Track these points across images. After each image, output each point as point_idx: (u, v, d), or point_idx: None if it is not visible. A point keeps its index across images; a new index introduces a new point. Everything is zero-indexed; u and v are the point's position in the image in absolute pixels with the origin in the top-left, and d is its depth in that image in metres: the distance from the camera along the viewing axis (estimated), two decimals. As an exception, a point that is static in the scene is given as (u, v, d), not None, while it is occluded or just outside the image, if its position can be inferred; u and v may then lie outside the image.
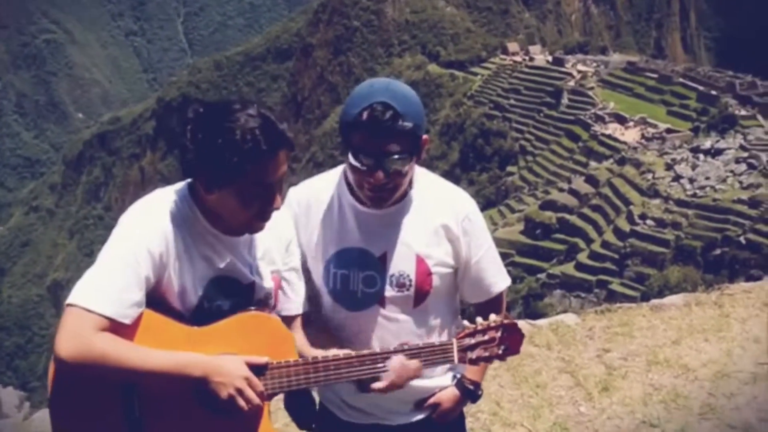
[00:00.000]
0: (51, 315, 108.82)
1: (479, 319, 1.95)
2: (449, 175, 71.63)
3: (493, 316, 1.95)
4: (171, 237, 1.79)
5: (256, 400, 1.78)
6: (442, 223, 2.09)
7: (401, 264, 2.07)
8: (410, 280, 2.08)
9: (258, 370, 1.82)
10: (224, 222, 1.85)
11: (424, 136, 2.02)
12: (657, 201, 51.86)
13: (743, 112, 61.74)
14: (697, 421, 3.91)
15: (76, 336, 1.65)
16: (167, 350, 1.76)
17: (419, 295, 2.10)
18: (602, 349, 4.74)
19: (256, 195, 1.78)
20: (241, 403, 1.77)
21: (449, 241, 2.10)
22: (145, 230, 1.77)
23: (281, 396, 1.92)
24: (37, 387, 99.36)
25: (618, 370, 4.46)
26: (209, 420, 1.81)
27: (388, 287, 2.09)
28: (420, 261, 2.07)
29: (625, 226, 50.77)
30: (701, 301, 5.43)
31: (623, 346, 4.76)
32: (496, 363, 2.27)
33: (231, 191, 1.76)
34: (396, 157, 1.93)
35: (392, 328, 2.11)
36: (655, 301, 5.52)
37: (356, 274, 2.10)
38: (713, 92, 65.92)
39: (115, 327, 1.70)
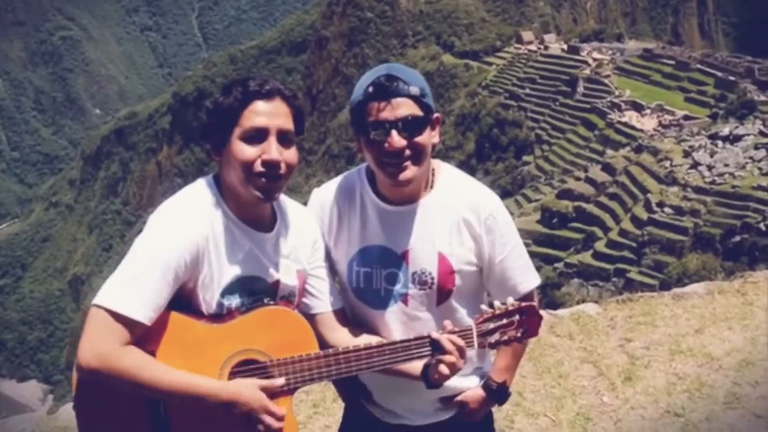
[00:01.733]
0: (72, 309, 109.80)
1: (497, 303, 1.96)
2: (465, 166, 71.42)
3: (510, 300, 1.95)
4: (201, 240, 1.82)
5: (277, 425, 1.83)
6: (465, 220, 2.08)
7: (423, 262, 2.08)
8: (432, 278, 2.08)
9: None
10: (246, 206, 1.90)
11: (436, 114, 2.04)
12: (675, 188, 51.41)
13: (762, 98, 60.91)
14: (722, 411, 3.85)
15: (100, 348, 1.69)
16: (188, 356, 1.80)
17: (442, 294, 2.10)
18: (624, 339, 4.70)
19: (247, 140, 1.83)
20: (263, 428, 1.83)
21: (473, 239, 2.09)
22: (176, 235, 1.79)
23: (306, 389, 1.95)
24: (60, 380, 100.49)
25: (641, 359, 4.41)
26: (235, 421, 1.83)
27: (410, 285, 2.09)
28: (442, 259, 2.07)
29: (643, 214, 50.44)
30: (724, 289, 5.38)
31: (646, 335, 4.71)
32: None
33: (230, 145, 1.84)
34: (409, 119, 1.96)
35: (415, 326, 2.11)
36: (677, 290, 5.48)
37: (379, 271, 2.11)
38: (731, 78, 65.05)
39: (138, 329, 1.73)
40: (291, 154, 1.86)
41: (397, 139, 1.95)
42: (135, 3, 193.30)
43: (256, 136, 1.82)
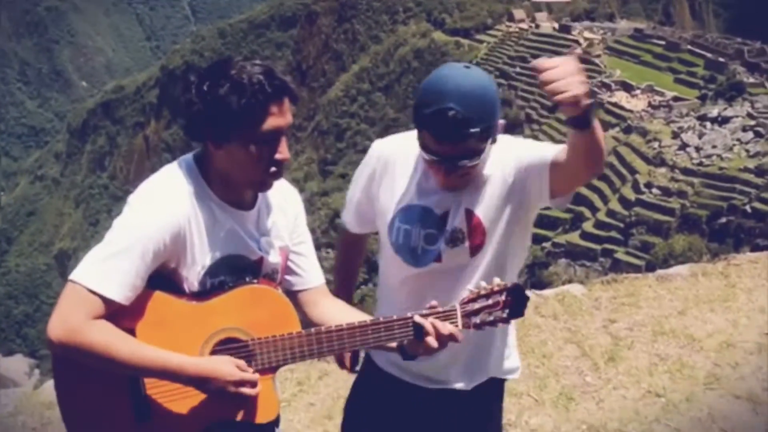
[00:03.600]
0: (58, 284, 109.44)
1: (483, 284, 1.93)
2: (454, 144, 71.38)
3: (496, 280, 1.93)
4: (182, 220, 1.80)
5: (252, 392, 1.82)
6: (502, 178, 2.11)
7: (457, 221, 2.12)
8: (462, 234, 2.12)
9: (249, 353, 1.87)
10: (232, 189, 1.88)
11: (500, 121, 2.02)
12: (663, 169, 51.92)
13: (751, 80, 61.38)
14: (702, 391, 3.93)
15: (69, 321, 1.67)
16: (169, 334, 1.79)
17: (473, 248, 2.14)
18: (608, 320, 4.76)
19: (263, 142, 1.79)
20: (242, 398, 1.83)
21: (511, 194, 2.11)
22: (156, 215, 1.77)
23: (291, 367, 1.94)
24: (46, 355, 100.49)
25: (624, 340, 4.47)
26: (215, 398, 1.83)
27: (443, 245, 2.13)
28: (470, 213, 2.12)
29: (631, 195, 50.86)
30: (707, 271, 5.44)
31: (629, 316, 4.77)
32: None
33: (239, 142, 1.79)
34: (461, 161, 1.97)
35: (449, 284, 2.16)
36: (661, 272, 5.53)
37: (418, 230, 2.16)
38: (721, 59, 65.48)
39: (112, 307, 1.72)
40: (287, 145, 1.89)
41: (442, 178, 2.05)
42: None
43: (271, 139, 1.80)
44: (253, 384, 1.82)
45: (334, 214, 74.46)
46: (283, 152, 1.83)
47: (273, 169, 1.84)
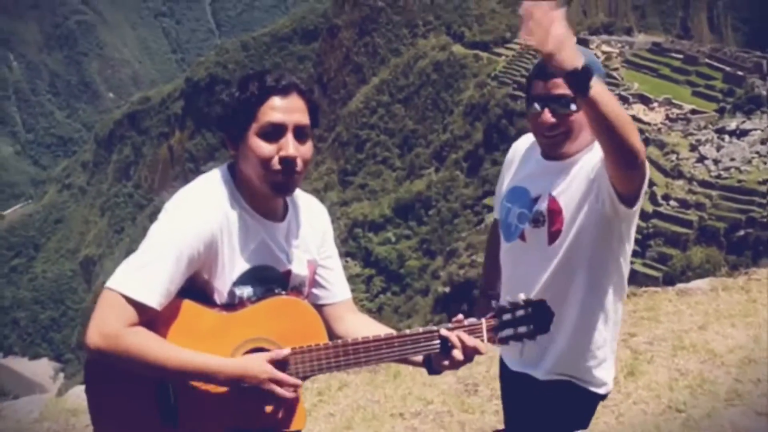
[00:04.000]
0: (83, 290, 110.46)
1: (508, 298, 1.94)
2: (473, 156, 71.63)
3: (521, 295, 1.93)
4: (216, 230, 1.82)
5: (289, 395, 1.85)
6: (586, 174, 2.20)
7: (541, 204, 2.26)
8: (543, 217, 2.25)
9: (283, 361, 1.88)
10: (260, 197, 1.90)
11: None
12: (680, 182, 51.39)
13: (770, 93, 61.12)
14: (723, 407, 3.84)
15: (106, 328, 1.70)
16: (198, 343, 1.81)
17: (552, 233, 2.24)
18: (628, 334, 4.69)
19: (265, 136, 1.82)
20: (277, 400, 1.87)
21: (590, 190, 2.18)
22: (192, 224, 1.79)
23: (315, 378, 2.04)
24: (70, 359, 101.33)
25: (644, 354, 4.42)
26: (245, 404, 1.86)
27: (528, 224, 2.29)
28: (553, 200, 2.23)
29: (648, 207, 50.16)
30: (728, 285, 5.41)
31: (649, 330, 4.73)
32: None
33: (248, 140, 1.84)
34: (562, 98, 2.12)
35: (533, 261, 2.29)
36: (680, 286, 5.53)
37: (515, 209, 2.34)
38: (740, 73, 65.07)
39: (148, 314, 1.75)
40: (307, 149, 1.86)
41: (547, 116, 2.16)
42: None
43: (274, 132, 1.82)
44: (289, 385, 1.84)
45: (353, 223, 74.64)
46: (286, 149, 1.82)
47: (278, 166, 1.83)
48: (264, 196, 1.90)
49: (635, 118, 61.56)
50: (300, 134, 1.85)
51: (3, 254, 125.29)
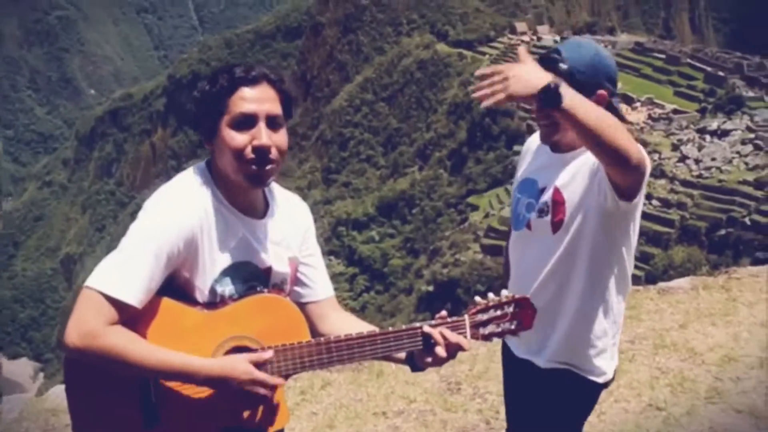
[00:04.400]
0: (64, 288, 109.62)
1: (491, 295, 1.95)
2: (456, 154, 71.75)
3: (504, 292, 1.95)
4: (195, 227, 1.82)
5: (269, 394, 1.84)
6: (590, 166, 2.24)
7: (546, 195, 2.32)
8: (547, 207, 2.30)
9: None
10: (238, 193, 1.89)
11: (600, 91, 2.20)
12: (662, 181, 51.64)
13: (751, 94, 61.54)
14: (703, 405, 3.89)
15: (84, 327, 1.68)
16: (179, 342, 1.79)
17: (555, 223, 2.29)
18: None
19: (236, 126, 1.82)
20: (254, 403, 1.88)
21: (593, 183, 2.23)
22: (171, 222, 1.79)
23: (294, 376, 1.95)
24: (50, 359, 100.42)
25: (625, 353, 4.42)
26: (227, 404, 1.85)
27: (534, 213, 2.34)
28: (557, 191, 2.30)
29: (630, 206, 50.84)
30: (708, 284, 5.44)
31: (630, 329, 4.74)
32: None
33: (219, 131, 1.83)
34: (540, 95, 2.04)
35: (537, 250, 2.35)
36: (662, 285, 5.56)
37: (524, 199, 2.41)
38: (721, 73, 65.61)
39: (128, 312, 1.73)
40: (281, 138, 1.85)
41: (536, 108, 2.14)
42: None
43: (245, 122, 1.81)
44: (269, 386, 1.83)
45: (337, 222, 74.51)
46: (258, 138, 1.80)
47: (252, 156, 1.81)
48: (242, 190, 1.89)
49: (618, 117, 61.91)
50: (272, 124, 1.84)
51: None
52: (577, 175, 2.25)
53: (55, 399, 4.27)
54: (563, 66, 2.16)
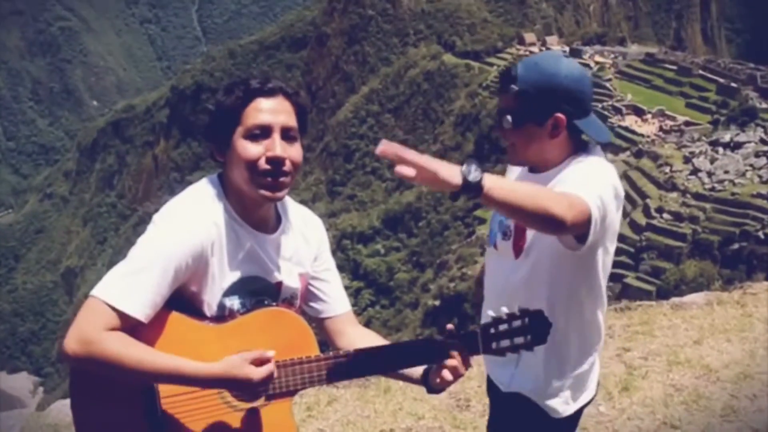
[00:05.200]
0: (64, 302, 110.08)
1: (504, 308, 1.90)
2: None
3: (518, 305, 1.91)
4: (205, 242, 1.80)
5: (265, 387, 1.80)
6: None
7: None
8: (510, 231, 2.27)
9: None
10: (251, 207, 1.87)
11: (558, 114, 2.14)
12: (674, 194, 51.75)
13: (764, 105, 61.25)
14: (719, 423, 3.84)
15: (84, 334, 1.68)
16: (185, 356, 1.76)
17: (516, 247, 2.25)
18: (622, 348, 4.71)
19: (251, 138, 1.81)
20: (258, 393, 1.82)
21: None
22: (180, 236, 1.77)
23: (300, 392, 1.93)
24: (50, 373, 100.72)
25: (638, 369, 4.43)
26: (234, 414, 1.83)
27: (499, 233, 2.32)
28: None
29: (642, 220, 50.70)
30: (723, 300, 5.41)
31: (644, 345, 4.74)
32: None
33: (233, 143, 1.82)
34: (505, 114, 2.17)
35: (502, 271, 2.31)
36: (675, 300, 5.51)
37: (497, 216, 2.33)
38: (733, 84, 65.68)
39: (132, 325, 1.72)
40: (295, 151, 1.85)
41: (500, 128, 2.21)
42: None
43: (260, 134, 1.81)
44: (265, 378, 1.77)
45: (342, 235, 74.45)
46: (272, 149, 1.80)
47: (266, 167, 1.80)
48: (254, 205, 1.88)
49: (628, 130, 61.56)
50: (287, 136, 1.85)
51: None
52: None
53: (57, 414, 4.25)
54: (513, 88, 2.15)
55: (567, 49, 78.36)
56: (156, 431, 1.80)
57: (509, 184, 1.88)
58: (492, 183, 1.80)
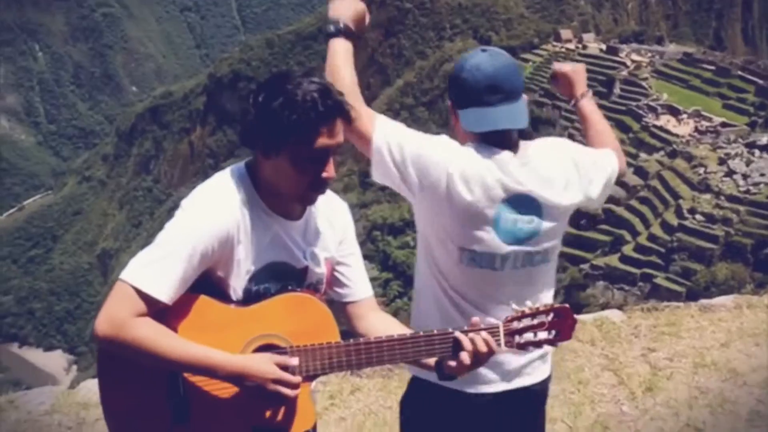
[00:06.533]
0: (99, 282, 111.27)
1: (529, 303, 1.91)
2: (496, 162, 70.87)
3: (543, 300, 1.95)
4: (232, 227, 1.84)
5: (291, 393, 1.82)
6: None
7: None
8: None
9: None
10: (280, 200, 1.92)
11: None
12: (708, 196, 51.03)
13: (804, 108, 60.16)
14: (744, 428, 3.79)
15: (115, 317, 1.73)
16: (209, 337, 1.81)
17: None
18: (648, 348, 4.64)
19: (310, 160, 1.84)
20: (279, 402, 1.86)
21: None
22: (207, 220, 1.82)
23: (323, 379, 1.96)
24: (84, 352, 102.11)
25: (663, 370, 4.35)
26: (256, 403, 1.85)
27: None
28: None
29: (673, 220, 50.03)
30: (753, 303, 5.28)
31: (669, 346, 4.65)
32: None
33: (287, 156, 1.83)
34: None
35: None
36: (704, 302, 5.40)
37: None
38: (773, 86, 64.12)
39: (157, 306, 1.77)
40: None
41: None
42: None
43: (319, 157, 1.85)
44: (292, 385, 1.82)
45: (372, 226, 74.43)
46: (329, 171, 1.86)
47: (317, 186, 1.88)
48: (285, 200, 1.93)
49: (663, 129, 60.78)
50: (335, 152, 1.89)
51: (21, 244, 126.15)
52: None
53: (87, 393, 4.22)
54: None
55: (603, 46, 77.48)
56: (179, 412, 1.85)
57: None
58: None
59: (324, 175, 1.86)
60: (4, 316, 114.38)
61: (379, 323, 2.06)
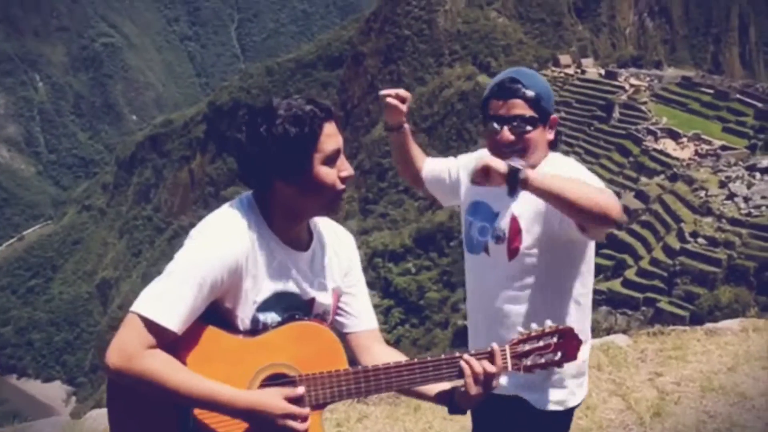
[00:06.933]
0: (99, 312, 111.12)
1: (534, 326, 1.94)
2: (496, 187, 71.19)
3: (548, 322, 1.93)
4: (241, 257, 1.85)
5: (301, 427, 1.82)
6: None
7: (503, 221, 2.40)
8: (504, 234, 2.38)
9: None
10: (294, 225, 1.95)
11: (553, 116, 2.40)
12: (709, 219, 51.03)
13: (803, 131, 60.45)
14: None
15: (126, 349, 1.74)
16: (218, 368, 1.82)
17: (511, 250, 2.37)
18: (655, 373, 4.64)
19: (330, 162, 1.88)
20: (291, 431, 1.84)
21: (553, 211, 2.27)
22: (216, 251, 1.82)
23: (331, 407, 1.94)
24: (83, 383, 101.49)
25: (671, 395, 4.35)
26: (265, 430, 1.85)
27: (490, 238, 2.42)
28: (514, 219, 2.37)
29: (675, 244, 49.98)
30: (759, 327, 5.32)
31: (677, 370, 4.65)
32: None
33: (311, 170, 1.85)
34: (520, 119, 2.32)
35: (494, 276, 2.42)
36: (710, 325, 5.43)
37: (477, 222, 2.49)
38: (772, 109, 64.42)
39: (168, 337, 1.77)
40: None
41: (506, 134, 2.33)
42: (176, 13, 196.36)
43: (334, 158, 1.89)
44: (302, 418, 1.82)
45: (373, 253, 74.38)
46: (348, 169, 1.91)
47: (342, 186, 1.90)
48: (291, 223, 1.94)
49: (663, 153, 60.95)
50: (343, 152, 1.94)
51: (21, 275, 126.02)
52: (532, 200, 2.25)
53: (92, 423, 4.23)
54: (530, 93, 2.31)
55: (602, 71, 77.98)
56: None
57: (549, 176, 2.10)
58: (534, 174, 2.09)
59: (344, 174, 1.90)
60: (3, 347, 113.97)
61: (384, 356, 2.06)
